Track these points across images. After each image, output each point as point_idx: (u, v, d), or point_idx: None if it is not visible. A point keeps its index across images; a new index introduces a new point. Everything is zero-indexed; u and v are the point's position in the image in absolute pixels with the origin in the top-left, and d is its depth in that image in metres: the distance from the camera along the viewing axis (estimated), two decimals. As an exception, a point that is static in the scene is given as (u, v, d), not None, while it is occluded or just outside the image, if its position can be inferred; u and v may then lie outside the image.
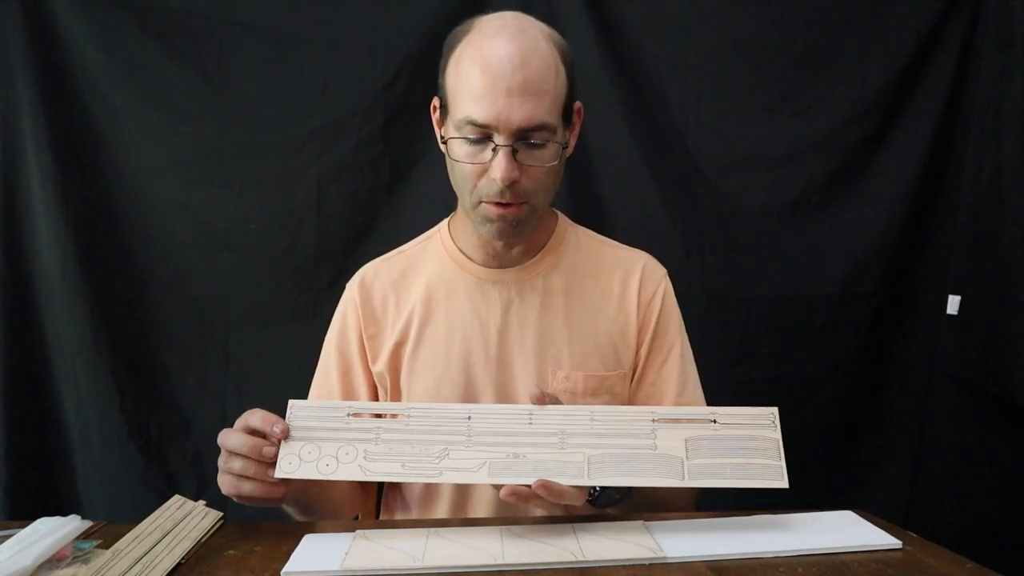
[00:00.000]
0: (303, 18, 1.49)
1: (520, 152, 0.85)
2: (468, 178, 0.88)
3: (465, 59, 0.86)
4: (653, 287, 1.02)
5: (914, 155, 1.54)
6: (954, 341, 1.53)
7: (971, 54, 1.51)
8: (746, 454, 0.75)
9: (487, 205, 0.88)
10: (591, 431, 0.76)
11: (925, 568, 0.67)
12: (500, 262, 0.99)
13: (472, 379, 0.97)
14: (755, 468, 0.75)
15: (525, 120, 0.83)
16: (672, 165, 1.55)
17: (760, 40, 1.52)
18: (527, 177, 0.87)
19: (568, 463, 0.74)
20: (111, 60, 1.47)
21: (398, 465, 0.75)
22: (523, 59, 0.83)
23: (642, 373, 1.02)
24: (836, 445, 1.60)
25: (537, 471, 0.73)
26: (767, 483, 0.74)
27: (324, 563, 0.68)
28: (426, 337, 0.99)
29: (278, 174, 1.52)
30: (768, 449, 0.75)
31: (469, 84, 0.84)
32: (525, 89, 0.82)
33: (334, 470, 0.74)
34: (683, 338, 1.03)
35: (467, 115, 0.84)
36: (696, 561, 0.68)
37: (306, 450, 0.75)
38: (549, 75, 0.85)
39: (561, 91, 0.87)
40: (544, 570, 0.66)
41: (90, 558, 0.69)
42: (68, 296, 1.48)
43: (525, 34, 0.85)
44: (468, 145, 0.86)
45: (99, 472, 1.52)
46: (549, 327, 0.98)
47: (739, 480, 0.74)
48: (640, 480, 0.74)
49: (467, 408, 0.79)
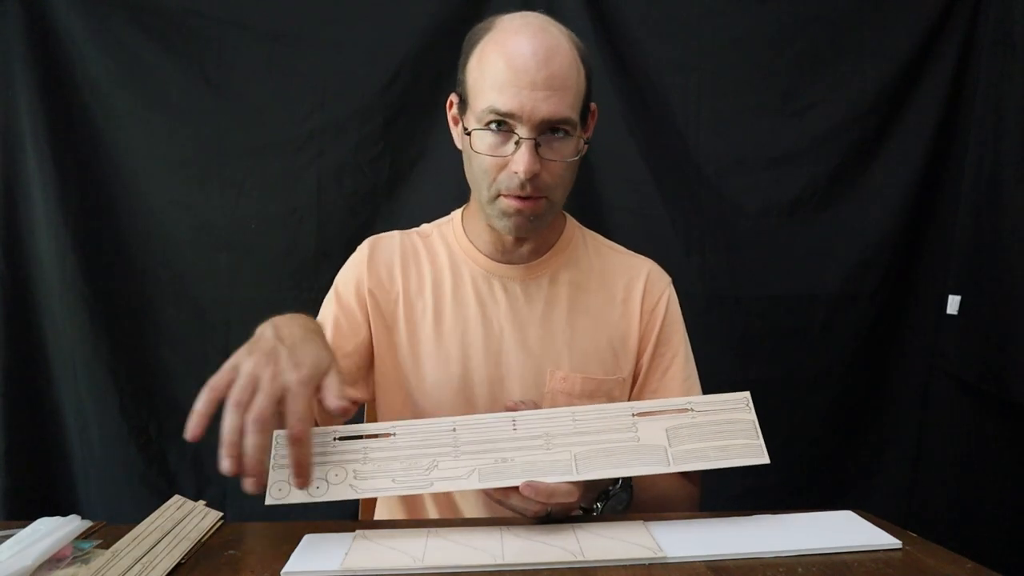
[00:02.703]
0: (303, 18, 1.49)
1: (542, 146, 0.86)
2: (488, 171, 0.88)
3: (489, 52, 0.87)
4: (657, 295, 1.02)
5: (914, 155, 1.55)
6: (954, 341, 1.53)
7: (971, 54, 1.51)
8: (725, 436, 0.77)
9: (506, 199, 0.88)
10: (574, 430, 0.77)
11: (925, 568, 0.67)
12: (509, 258, 0.99)
13: (469, 371, 0.97)
14: (736, 448, 0.76)
15: (549, 113, 0.84)
16: (672, 165, 1.55)
17: (760, 40, 1.53)
18: (547, 171, 0.87)
19: (556, 462, 0.74)
20: (111, 60, 1.47)
21: (388, 480, 0.74)
22: (548, 54, 0.84)
23: (644, 381, 1.01)
24: (836, 445, 1.60)
25: (526, 473, 0.73)
26: (749, 461, 0.76)
27: (324, 563, 0.68)
28: (428, 323, 0.98)
29: (278, 174, 1.52)
30: (746, 430, 0.78)
31: (493, 76, 0.85)
32: (550, 84, 0.84)
33: (325, 491, 0.73)
34: (686, 347, 1.03)
35: (491, 104, 0.85)
36: (696, 561, 0.68)
37: (284, 470, 0.72)
38: (572, 72, 0.86)
39: (581, 90, 0.88)
40: (544, 570, 0.66)
41: (90, 558, 0.69)
42: (68, 296, 1.48)
43: (548, 32, 0.87)
44: (491, 136, 0.87)
45: (99, 472, 1.52)
46: (551, 327, 0.98)
47: (722, 461, 0.76)
48: (628, 471, 0.75)
49: (451, 420, 0.78)
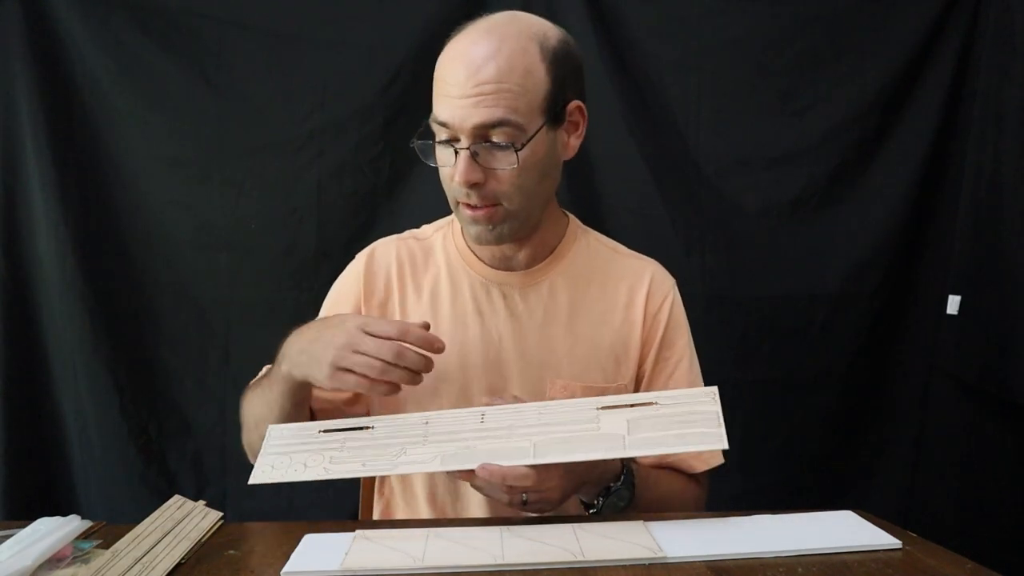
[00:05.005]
0: (303, 18, 1.50)
1: (482, 154, 0.84)
2: (445, 180, 0.89)
3: (439, 62, 0.87)
4: (660, 298, 1.00)
5: (914, 155, 1.55)
6: (954, 341, 1.53)
7: (971, 54, 1.51)
8: (685, 425, 0.76)
9: (463, 207, 0.89)
10: (539, 422, 0.79)
11: (925, 568, 0.67)
12: (507, 264, 0.98)
13: (468, 381, 0.96)
14: (694, 436, 0.75)
15: (480, 119, 0.82)
16: (672, 165, 1.55)
17: (760, 40, 1.53)
18: (495, 179, 0.86)
19: (516, 449, 0.76)
20: (111, 60, 1.47)
21: (359, 464, 0.79)
22: (483, 60, 0.82)
23: (647, 386, 0.99)
24: (836, 445, 1.60)
25: (487, 458, 0.75)
26: (705, 446, 0.75)
27: (324, 563, 0.68)
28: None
29: (278, 174, 1.52)
30: (708, 420, 0.76)
31: (437, 85, 0.86)
32: (480, 90, 0.82)
33: (301, 473, 0.79)
34: (691, 351, 1.01)
35: (434, 115, 0.86)
36: (696, 561, 0.68)
37: (279, 461, 0.81)
38: (513, 74, 0.83)
39: (536, 89, 0.85)
40: (544, 570, 0.66)
41: (90, 558, 0.69)
42: (68, 296, 1.48)
43: (492, 34, 0.84)
44: (439, 147, 0.87)
45: (99, 472, 1.52)
46: (551, 335, 0.97)
47: (677, 446, 0.75)
48: (582, 455, 0.75)
49: (425, 415, 0.84)
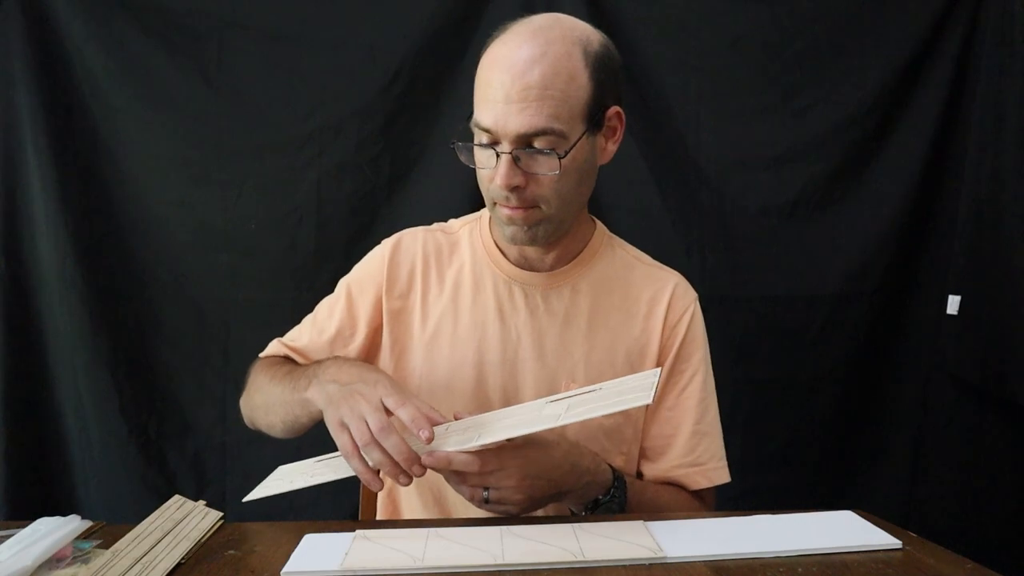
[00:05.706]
0: (303, 18, 1.49)
1: (523, 159, 0.85)
2: (483, 181, 0.90)
3: (481, 65, 0.87)
4: (681, 311, 0.99)
5: (914, 155, 1.55)
6: (954, 341, 1.53)
7: (971, 54, 1.51)
8: (619, 396, 0.77)
9: (500, 207, 0.89)
10: (493, 419, 0.82)
11: (925, 568, 0.67)
12: (532, 264, 0.98)
13: (484, 376, 0.97)
14: (625, 400, 0.75)
15: (523, 127, 0.83)
16: (672, 165, 1.55)
17: (760, 40, 1.53)
18: (535, 183, 0.86)
19: (462, 439, 0.78)
20: (111, 60, 1.47)
21: (331, 472, 0.85)
22: (527, 65, 0.82)
23: (660, 397, 0.99)
24: (836, 445, 1.60)
25: (434, 448, 0.77)
26: (634, 404, 0.74)
27: (324, 563, 0.68)
28: (446, 326, 0.98)
29: (278, 174, 1.52)
30: (643, 389, 0.76)
31: (479, 89, 0.86)
32: (525, 96, 0.82)
33: (287, 486, 0.88)
34: (707, 367, 1.01)
35: (476, 119, 0.86)
36: (696, 561, 0.68)
37: (272, 481, 0.93)
38: (557, 80, 0.83)
39: (579, 96, 0.85)
40: (544, 570, 0.66)
41: (90, 558, 0.69)
42: (68, 296, 1.48)
43: (537, 38, 0.84)
44: (478, 150, 0.88)
45: (99, 472, 1.52)
46: (569, 338, 0.97)
47: (607, 408, 0.76)
48: (515, 431, 0.77)
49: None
